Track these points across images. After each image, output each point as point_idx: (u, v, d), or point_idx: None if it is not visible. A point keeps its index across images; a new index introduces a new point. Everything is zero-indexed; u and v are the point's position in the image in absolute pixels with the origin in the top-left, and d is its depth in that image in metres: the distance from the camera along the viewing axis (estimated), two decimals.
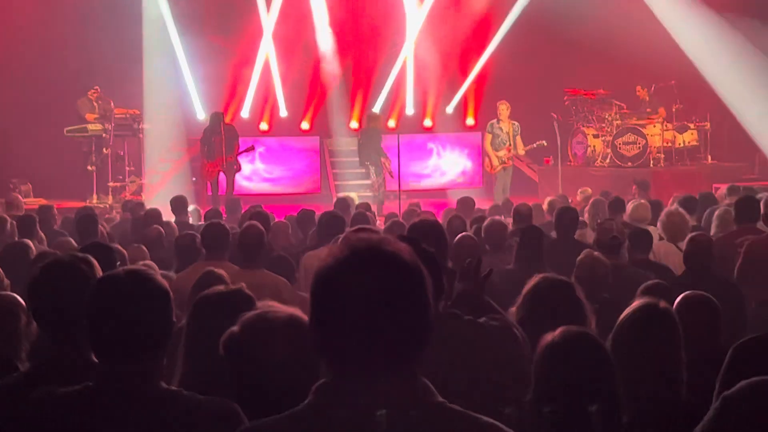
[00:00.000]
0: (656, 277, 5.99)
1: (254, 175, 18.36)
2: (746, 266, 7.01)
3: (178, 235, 8.24)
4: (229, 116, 17.70)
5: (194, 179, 17.33)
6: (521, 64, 18.12)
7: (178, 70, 18.27)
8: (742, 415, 2.45)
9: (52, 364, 3.06)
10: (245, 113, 18.86)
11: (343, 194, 14.17)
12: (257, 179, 18.45)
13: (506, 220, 9.13)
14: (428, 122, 19.47)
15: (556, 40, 17.54)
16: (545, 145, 16.28)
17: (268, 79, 18.81)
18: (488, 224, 7.84)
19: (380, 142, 16.30)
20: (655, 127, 17.16)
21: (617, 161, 16.89)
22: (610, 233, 7.21)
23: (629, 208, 9.53)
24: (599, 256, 6.14)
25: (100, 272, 3.19)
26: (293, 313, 2.64)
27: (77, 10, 17.16)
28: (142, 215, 10.28)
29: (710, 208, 9.36)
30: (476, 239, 6.92)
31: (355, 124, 18.87)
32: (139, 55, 17.60)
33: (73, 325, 2.98)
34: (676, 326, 3.51)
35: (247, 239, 6.44)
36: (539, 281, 4.03)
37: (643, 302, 3.55)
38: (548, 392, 2.92)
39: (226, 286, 3.60)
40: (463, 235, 6.85)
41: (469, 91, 19.28)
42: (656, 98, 17.58)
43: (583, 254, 6.13)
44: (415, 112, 19.46)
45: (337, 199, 12.30)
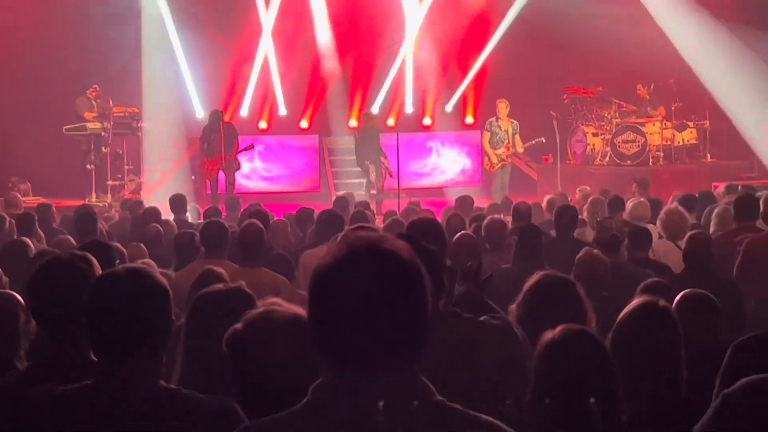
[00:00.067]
0: (655, 275, 5.99)
1: (253, 173, 18.35)
2: (745, 264, 7.00)
3: (177, 233, 8.23)
4: (228, 115, 17.69)
5: (193, 177, 17.32)
6: (520, 62, 18.12)
7: (177, 68, 18.25)
8: (742, 412, 2.45)
9: (51, 362, 3.05)
10: (244, 112, 18.84)
11: (342, 192, 14.16)
12: (256, 177, 18.44)
13: (505, 218, 9.12)
14: (427, 120, 19.45)
15: (555, 38, 17.52)
16: (544, 142, 16.25)
17: (267, 77, 18.79)
18: (488, 222, 7.84)
19: (378, 141, 16.29)
20: (654, 125, 17.13)
21: (616, 159, 16.87)
22: (609, 231, 7.20)
23: (629, 206, 9.52)
24: (598, 254, 6.13)
25: (99, 270, 3.19)
26: (297, 311, 2.64)
27: (76, 8, 17.14)
28: (141, 214, 10.27)
29: (710, 206, 9.35)
30: (475, 238, 6.90)
31: (354, 122, 18.86)
32: (138, 53, 17.59)
33: (72, 323, 2.98)
34: (675, 324, 3.51)
35: (247, 237, 6.43)
36: (540, 279, 4.02)
37: (642, 301, 3.54)
38: (548, 390, 2.92)
39: (225, 284, 3.60)
40: (462, 233, 6.82)
41: (468, 89, 19.26)
42: (656, 96, 17.56)
43: (582, 252, 6.13)
44: (414, 110, 19.44)
45: (336, 197, 12.30)
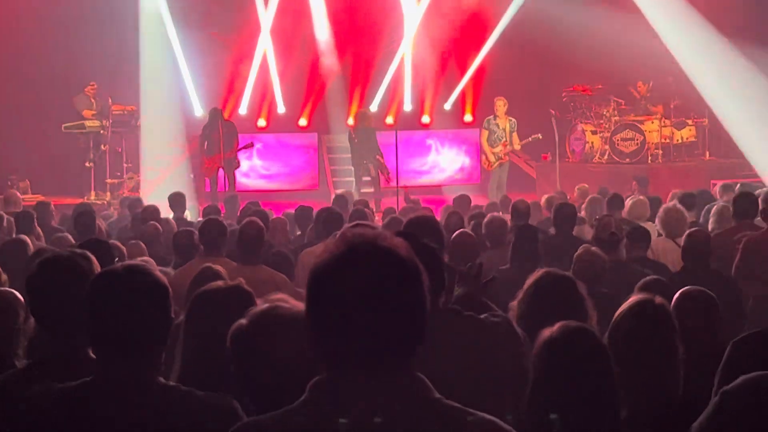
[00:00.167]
0: (654, 274, 5.98)
1: (252, 171, 18.33)
2: (744, 262, 7.02)
3: (176, 231, 8.23)
4: (227, 113, 17.67)
5: (192, 175, 17.30)
6: (519, 60, 18.11)
7: (175, 66, 18.20)
8: (741, 410, 2.45)
9: (50, 360, 3.05)
10: (243, 110, 18.81)
11: (341, 190, 14.15)
12: (255, 176, 18.42)
13: (504, 216, 9.12)
14: (426, 119, 19.43)
15: (554, 36, 17.49)
16: (540, 138, 16.23)
17: (266, 75, 18.76)
18: (489, 220, 7.85)
19: (376, 140, 16.26)
20: (653, 123, 17.12)
21: (615, 157, 16.86)
22: (608, 229, 7.20)
23: (628, 204, 9.53)
24: (597, 251, 6.14)
25: (98, 268, 3.19)
26: (302, 308, 2.63)
27: (74, 5, 17.10)
28: (140, 212, 10.27)
29: (709, 204, 9.36)
30: (474, 236, 6.90)
31: (352, 120, 18.85)
32: (136, 51, 17.55)
33: (71, 321, 2.98)
34: (671, 322, 3.51)
35: (246, 236, 6.43)
36: (541, 276, 4.02)
37: (638, 298, 3.54)
38: (546, 388, 2.92)
39: (224, 282, 3.60)
40: (460, 231, 6.83)
41: (467, 87, 19.24)
42: (654, 94, 17.56)
43: (580, 249, 6.13)
44: (413, 108, 19.42)
45: (335, 195, 12.30)
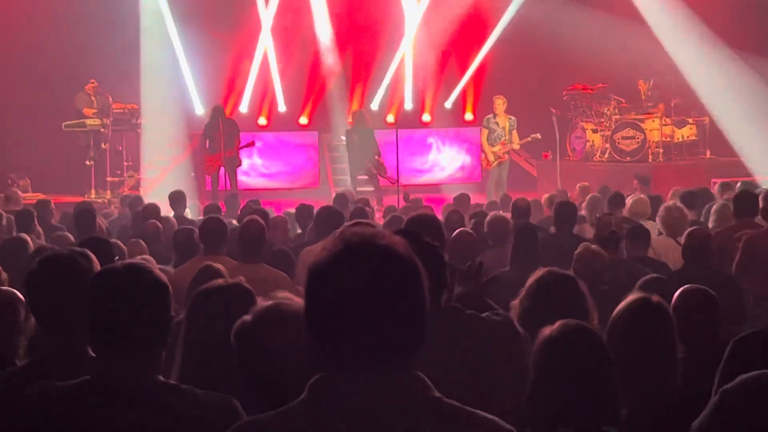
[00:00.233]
0: (654, 272, 5.98)
1: (252, 169, 18.32)
2: (745, 260, 7.01)
3: (176, 229, 8.22)
4: (227, 111, 17.67)
5: (193, 174, 17.30)
6: (520, 58, 18.10)
7: (176, 64, 18.21)
8: (741, 408, 2.44)
9: (50, 358, 3.05)
10: (244, 108, 18.82)
11: (342, 189, 14.14)
12: (255, 174, 18.41)
13: (504, 214, 9.12)
14: (427, 117, 19.43)
15: (554, 34, 17.49)
16: (539, 138, 16.23)
17: (266, 73, 18.77)
18: (491, 219, 7.85)
19: (375, 141, 16.23)
20: (653, 121, 17.12)
21: (616, 156, 16.86)
22: (608, 228, 7.20)
23: (629, 202, 9.52)
24: (597, 249, 6.13)
25: (98, 266, 3.19)
26: None
27: (75, 4, 17.11)
28: (140, 210, 10.26)
29: (709, 203, 9.36)
30: (474, 235, 6.90)
31: (350, 120, 18.85)
32: (136, 49, 17.56)
33: (71, 319, 2.98)
34: (669, 320, 3.51)
35: (247, 234, 6.42)
36: (543, 275, 4.02)
37: (636, 297, 3.54)
38: (546, 385, 2.92)
39: (224, 280, 3.60)
40: (460, 230, 6.83)
41: (467, 85, 19.25)
42: (655, 93, 17.55)
43: (581, 248, 6.13)
44: (413, 106, 19.42)
45: (336, 194, 12.30)
